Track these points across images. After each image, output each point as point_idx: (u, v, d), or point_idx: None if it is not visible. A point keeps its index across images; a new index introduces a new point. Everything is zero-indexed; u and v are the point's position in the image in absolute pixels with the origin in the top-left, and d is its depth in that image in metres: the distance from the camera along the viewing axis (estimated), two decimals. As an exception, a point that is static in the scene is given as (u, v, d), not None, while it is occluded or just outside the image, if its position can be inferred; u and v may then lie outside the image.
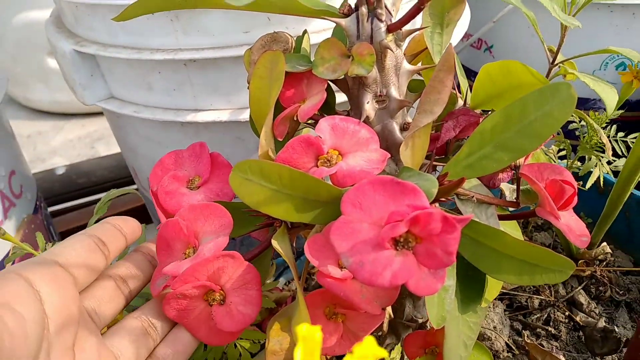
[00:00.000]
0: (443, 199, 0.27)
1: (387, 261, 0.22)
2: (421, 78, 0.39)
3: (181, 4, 0.28)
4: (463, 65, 0.85)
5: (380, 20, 0.29)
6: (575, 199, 0.32)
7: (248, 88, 0.32)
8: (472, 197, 0.31)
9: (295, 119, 0.32)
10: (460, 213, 0.31)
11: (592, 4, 0.57)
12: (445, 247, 0.22)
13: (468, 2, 0.64)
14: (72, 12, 0.47)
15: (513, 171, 0.33)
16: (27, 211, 0.57)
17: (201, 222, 0.30)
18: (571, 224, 0.33)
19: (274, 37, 0.31)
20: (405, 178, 0.28)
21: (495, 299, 0.47)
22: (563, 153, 0.53)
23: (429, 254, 0.23)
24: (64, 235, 0.76)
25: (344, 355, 0.19)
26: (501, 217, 0.33)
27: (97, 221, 0.41)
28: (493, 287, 0.32)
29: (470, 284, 0.31)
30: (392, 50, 0.29)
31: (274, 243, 0.28)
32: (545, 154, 0.54)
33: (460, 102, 0.38)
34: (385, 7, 0.29)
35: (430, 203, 0.28)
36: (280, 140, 0.33)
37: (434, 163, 0.33)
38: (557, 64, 0.49)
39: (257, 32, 0.42)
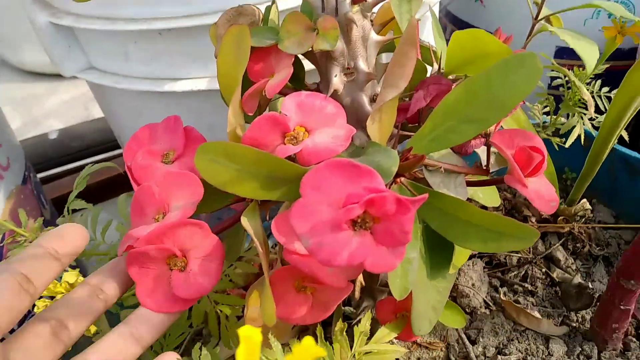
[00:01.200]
0: (405, 175, 0.28)
1: (344, 242, 0.23)
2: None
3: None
4: (455, 16, 0.83)
5: (344, -7, 0.28)
6: (545, 165, 0.33)
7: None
8: (440, 167, 0.31)
9: (264, 94, 0.32)
10: (428, 184, 0.31)
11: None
12: (401, 227, 0.23)
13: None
14: (43, -18, 0.46)
15: (484, 138, 0.33)
16: (16, 182, 0.58)
17: (174, 189, 0.30)
18: (541, 190, 0.33)
19: (239, 11, 0.31)
20: (371, 153, 0.28)
21: (474, 257, 0.49)
22: (547, 109, 0.53)
23: (386, 234, 0.23)
24: (55, 201, 0.77)
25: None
26: (471, 184, 0.34)
27: (77, 196, 0.42)
28: (461, 253, 0.33)
29: (439, 251, 0.32)
30: (355, 24, 0.28)
31: (243, 220, 0.29)
32: (530, 111, 0.54)
33: (435, 67, 0.38)
34: (349, -23, 0.28)
35: (395, 178, 0.28)
36: (251, 115, 0.33)
37: (405, 133, 0.33)
38: (541, 19, 0.48)
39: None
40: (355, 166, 0.23)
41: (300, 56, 0.33)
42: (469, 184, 0.33)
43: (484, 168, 0.33)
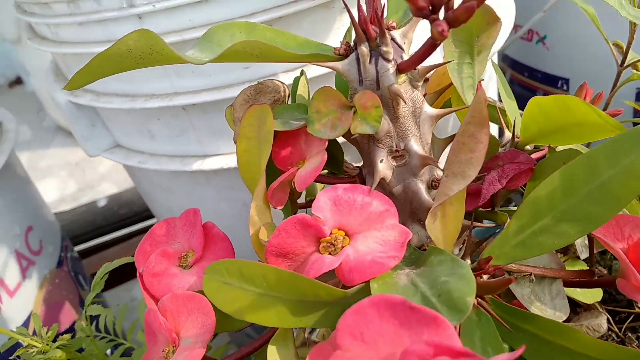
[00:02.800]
0: (482, 297, 0.21)
1: (403, 421, 0.16)
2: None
3: (132, 65, 0.22)
4: (513, 60, 0.75)
5: (387, 60, 0.22)
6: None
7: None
8: (530, 274, 0.23)
9: (294, 185, 0.25)
10: (511, 294, 0.24)
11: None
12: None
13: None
14: (63, 62, 0.43)
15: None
16: (50, 266, 0.55)
17: (183, 317, 0.24)
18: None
19: (259, 89, 0.25)
20: (434, 265, 0.21)
21: None
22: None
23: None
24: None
25: None
26: (570, 284, 0.26)
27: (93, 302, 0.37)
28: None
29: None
30: (403, 99, 0.22)
31: (271, 350, 0.23)
32: None
33: (508, 135, 0.30)
34: (393, 40, 0.22)
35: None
36: (280, 208, 0.27)
37: (479, 225, 0.26)
38: (627, 66, 0.40)
39: (259, 66, 0.36)
40: (414, 310, 0.16)
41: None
42: (565, 284, 0.25)
43: (588, 269, 0.25)
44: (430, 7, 0.18)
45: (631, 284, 0.24)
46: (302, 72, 0.27)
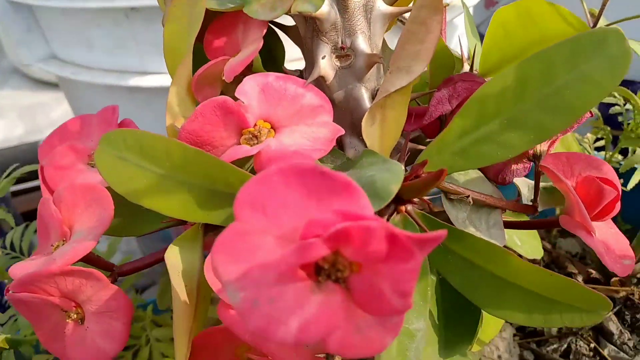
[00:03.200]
0: (414, 201, 0.18)
1: (297, 300, 0.13)
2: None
3: None
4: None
5: None
6: (618, 205, 0.23)
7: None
8: (468, 196, 0.21)
9: (223, 77, 0.23)
10: (449, 220, 0.22)
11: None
12: (396, 282, 0.13)
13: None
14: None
15: (532, 162, 0.24)
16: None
17: (79, 210, 0.22)
18: (609, 241, 0.23)
19: (195, -38, 0.22)
20: (365, 166, 0.19)
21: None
22: (601, 143, 0.43)
23: (371, 292, 0.14)
24: (25, 215, 0.69)
25: None
26: (509, 225, 0.24)
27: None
28: (490, 324, 0.23)
29: (459, 319, 0.22)
30: (352, -25, 0.19)
31: (170, 251, 0.20)
32: (579, 142, 0.44)
33: (467, 68, 0.28)
34: None
35: (397, 205, 0.19)
36: (209, 107, 0.24)
37: (418, 147, 0.24)
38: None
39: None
40: (326, 175, 0.14)
41: (281, 33, 0.25)
42: (506, 225, 0.23)
43: (531, 204, 0.23)
44: None
45: (574, 220, 0.22)
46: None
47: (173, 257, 0.20)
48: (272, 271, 0.13)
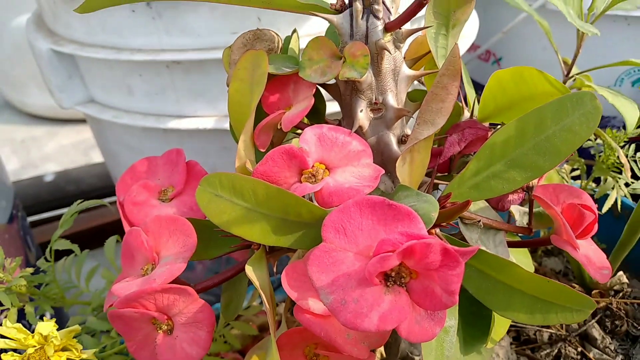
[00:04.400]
0: (444, 225, 0.24)
1: (374, 300, 0.18)
2: (424, 88, 0.35)
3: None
4: (471, 80, 0.81)
5: (377, 18, 0.25)
6: (596, 226, 0.29)
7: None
8: (479, 221, 0.27)
9: (279, 127, 0.28)
10: (464, 239, 0.27)
11: (608, 15, 0.54)
12: (446, 284, 0.18)
13: (476, 11, 0.61)
14: (50, 8, 0.44)
15: (525, 192, 0.29)
16: (1, 220, 0.54)
17: (165, 238, 0.26)
18: (590, 255, 0.29)
19: (257, 35, 0.28)
20: (402, 198, 0.24)
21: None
22: (576, 173, 0.49)
23: (427, 293, 0.19)
24: (43, 245, 0.72)
25: None
26: (510, 244, 0.30)
27: (62, 236, 0.37)
28: (500, 324, 0.28)
29: (475, 321, 0.27)
30: (389, 52, 0.25)
31: (248, 269, 0.25)
32: (558, 172, 0.50)
33: (467, 114, 0.34)
34: (383, 2, 0.26)
35: (430, 229, 0.24)
36: (263, 151, 0.29)
37: (436, 181, 0.29)
38: (572, 77, 0.45)
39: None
40: (392, 206, 0.19)
41: (322, 90, 0.30)
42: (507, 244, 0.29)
43: (526, 226, 0.29)
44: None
45: (562, 238, 0.28)
46: (294, 31, 0.30)
47: (250, 273, 0.24)
48: (354, 278, 0.18)
